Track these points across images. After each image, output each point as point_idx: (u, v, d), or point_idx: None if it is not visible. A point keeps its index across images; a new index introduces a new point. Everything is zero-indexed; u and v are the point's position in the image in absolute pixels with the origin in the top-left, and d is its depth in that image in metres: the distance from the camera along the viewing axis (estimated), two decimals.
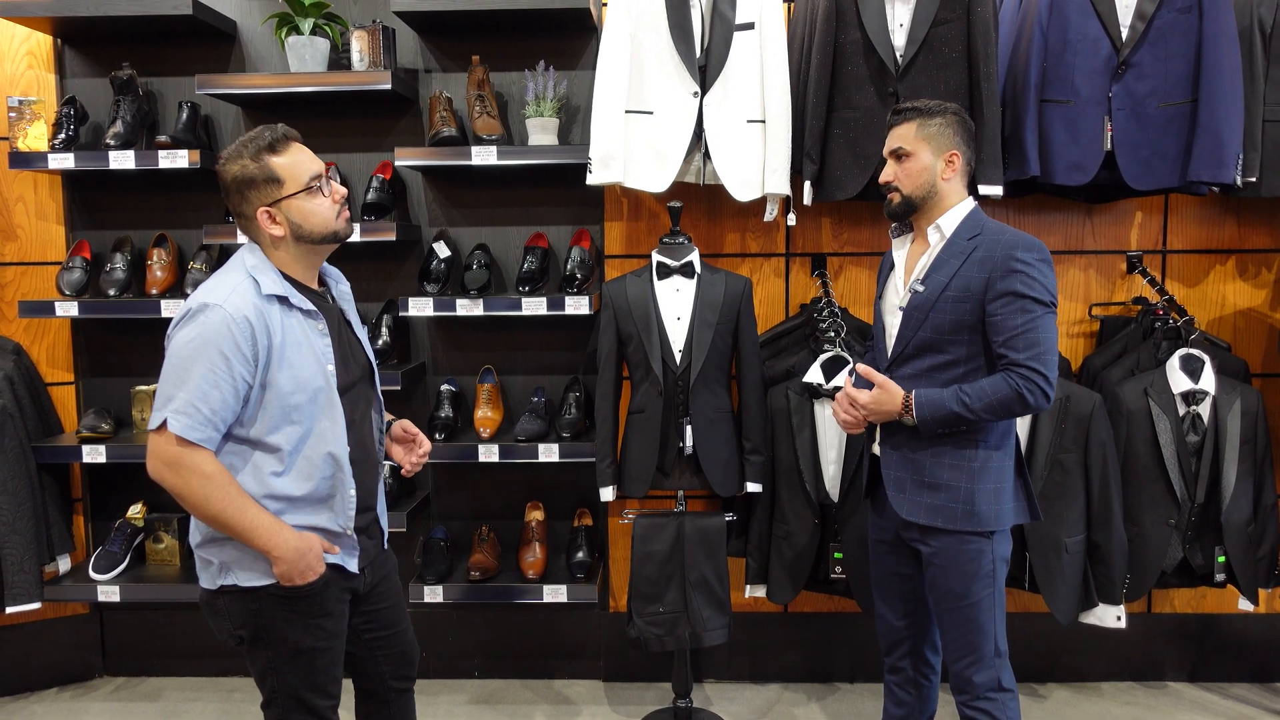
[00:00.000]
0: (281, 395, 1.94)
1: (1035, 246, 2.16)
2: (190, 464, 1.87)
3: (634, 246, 3.35)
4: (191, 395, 1.86)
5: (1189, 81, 2.86)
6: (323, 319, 2.04)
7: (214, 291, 1.92)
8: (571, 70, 3.29)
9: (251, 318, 1.90)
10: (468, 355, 3.43)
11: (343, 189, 2.05)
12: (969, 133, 2.29)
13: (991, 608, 2.26)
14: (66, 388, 3.45)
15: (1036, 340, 2.12)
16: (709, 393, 2.88)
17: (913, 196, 2.27)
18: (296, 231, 1.98)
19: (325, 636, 2.05)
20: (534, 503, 3.43)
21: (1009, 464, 2.27)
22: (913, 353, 2.27)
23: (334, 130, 3.35)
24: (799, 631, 3.45)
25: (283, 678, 2.04)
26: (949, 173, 2.25)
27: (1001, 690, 2.27)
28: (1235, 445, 2.91)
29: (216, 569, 2.01)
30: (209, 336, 1.87)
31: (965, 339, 2.21)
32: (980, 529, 2.22)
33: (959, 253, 2.22)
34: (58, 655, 3.50)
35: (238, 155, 1.96)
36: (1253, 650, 3.41)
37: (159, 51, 3.35)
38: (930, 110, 2.27)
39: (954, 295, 2.20)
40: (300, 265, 2.04)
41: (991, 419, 2.17)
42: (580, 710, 3.30)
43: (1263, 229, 3.28)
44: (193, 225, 3.38)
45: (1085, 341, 3.34)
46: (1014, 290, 2.13)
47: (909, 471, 2.29)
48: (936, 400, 2.19)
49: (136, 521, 3.37)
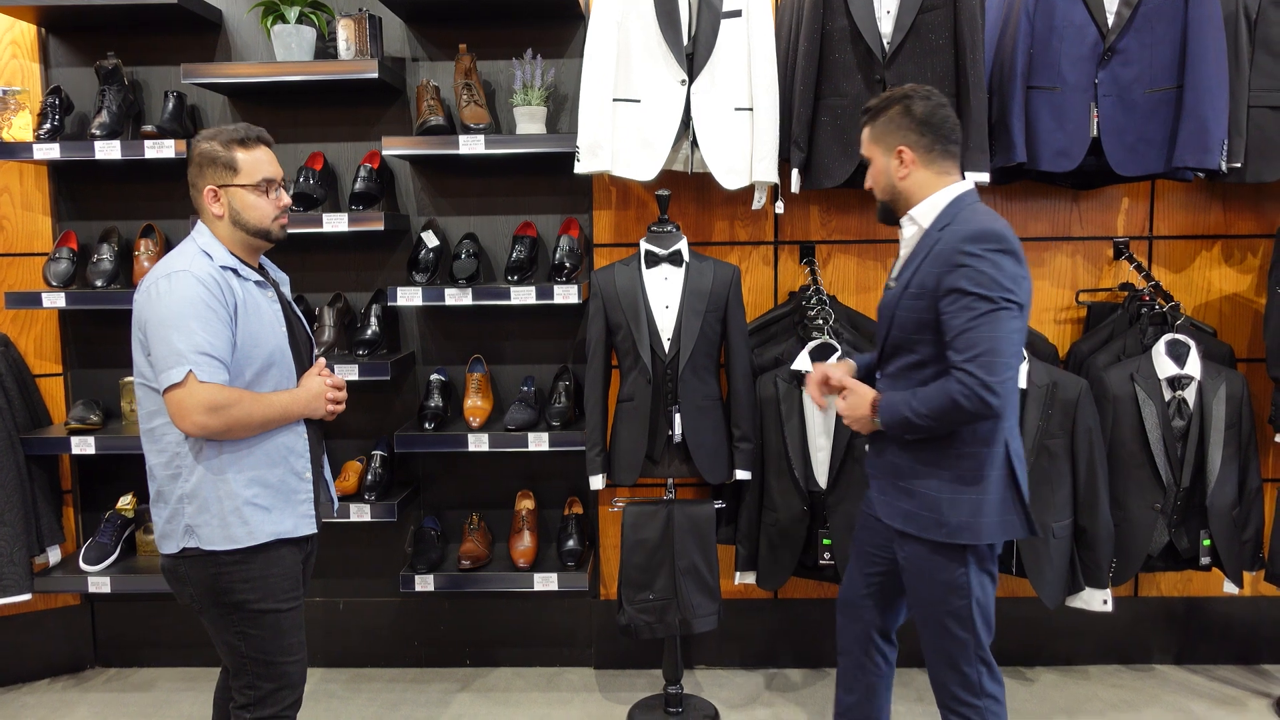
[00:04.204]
0: (246, 351, 2.11)
1: (989, 236, 2.01)
2: (225, 400, 2.03)
3: (623, 235, 3.36)
4: (200, 343, 2.02)
5: (1174, 67, 2.87)
6: (271, 289, 2.25)
7: (175, 261, 2.11)
8: (559, 59, 3.28)
9: (216, 277, 2.09)
10: (457, 345, 3.43)
11: (287, 200, 2.24)
12: (924, 118, 2.13)
13: (969, 618, 2.13)
14: (55, 379, 3.45)
15: (976, 341, 1.97)
16: (698, 381, 2.89)
17: (884, 200, 2.23)
18: (234, 217, 2.17)
19: (286, 597, 2.17)
20: (524, 491, 3.44)
21: (991, 474, 2.10)
22: (890, 352, 2.21)
23: (321, 119, 3.34)
24: (788, 617, 3.47)
25: (251, 641, 2.15)
26: (903, 170, 2.15)
27: (983, 696, 2.17)
28: (1220, 430, 2.93)
29: (181, 532, 2.11)
30: (189, 295, 2.04)
31: (930, 338, 2.09)
32: (950, 540, 2.11)
33: (926, 246, 2.11)
34: (49, 646, 3.50)
35: (212, 137, 2.17)
36: (1237, 632, 3.44)
37: (144, 41, 3.33)
38: (877, 108, 2.19)
39: (914, 292, 2.10)
40: (238, 246, 2.21)
41: (939, 426, 2.05)
42: (571, 698, 3.31)
43: (1248, 215, 3.30)
44: (180, 215, 3.36)
45: (1072, 327, 3.35)
46: (958, 287, 2.00)
47: (890, 475, 2.23)
48: (893, 405, 2.12)
49: (126, 513, 3.37)
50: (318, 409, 2.24)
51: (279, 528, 2.15)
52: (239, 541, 2.10)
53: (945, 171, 2.16)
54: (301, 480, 2.22)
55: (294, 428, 2.21)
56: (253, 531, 2.11)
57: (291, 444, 2.20)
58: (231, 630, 2.15)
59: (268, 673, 2.17)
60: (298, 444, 2.22)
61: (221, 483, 2.09)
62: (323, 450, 2.37)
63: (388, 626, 3.54)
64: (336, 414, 2.30)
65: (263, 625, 2.14)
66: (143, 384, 2.13)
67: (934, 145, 2.14)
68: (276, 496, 2.16)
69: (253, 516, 2.11)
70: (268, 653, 2.16)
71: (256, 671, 2.16)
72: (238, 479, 2.11)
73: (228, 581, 2.11)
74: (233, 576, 2.11)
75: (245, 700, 2.18)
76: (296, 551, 2.22)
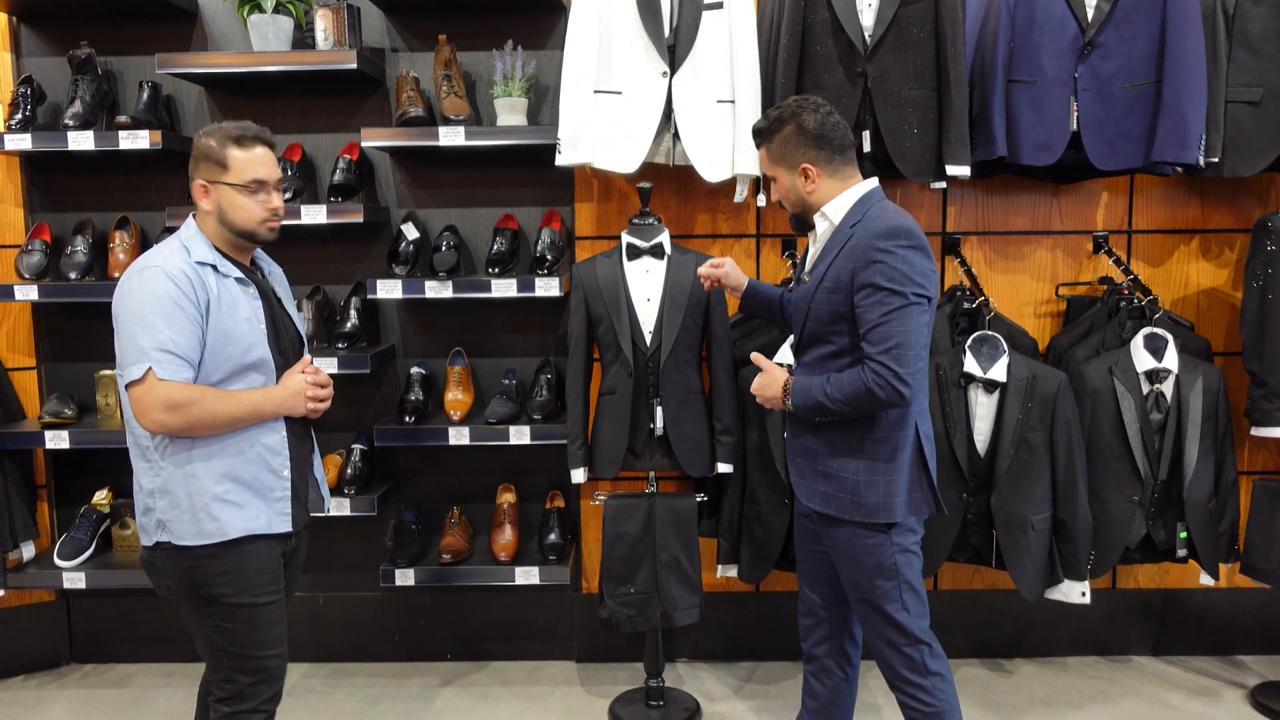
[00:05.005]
0: (218, 349, 2.09)
1: (900, 233, 2.09)
2: (184, 398, 2.01)
3: (605, 228, 3.34)
4: (162, 341, 2.00)
5: (1153, 62, 2.88)
6: (253, 285, 2.20)
7: (151, 257, 2.10)
8: (540, 50, 3.26)
9: (189, 273, 2.06)
10: (438, 338, 3.41)
11: (278, 203, 2.19)
12: (817, 132, 2.19)
13: (898, 598, 2.22)
14: (28, 373, 3.40)
15: (889, 334, 2.07)
16: (679, 374, 2.88)
17: (796, 212, 2.30)
18: (220, 215, 2.15)
19: (262, 592, 2.16)
20: (505, 485, 3.42)
21: (903, 456, 2.20)
22: (807, 342, 2.29)
23: (299, 110, 3.31)
24: (770, 610, 3.47)
25: (227, 635, 2.14)
26: (810, 185, 2.22)
27: (928, 674, 2.24)
28: (1197, 423, 2.95)
29: (154, 525, 2.11)
30: (157, 291, 2.02)
31: (845, 329, 2.18)
32: (870, 520, 2.20)
33: (839, 241, 2.18)
34: (24, 643, 3.46)
35: (212, 133, 2.15)
36: (1213, 624, 3.48)
37: (118, 30, 3.28)
38: (768, 129, 2.26)
39: (828, 286, 2.18)
40: (225, 243, 2.19)
41: (852, 411, 2.14)
42: (553, 691, 3.31)
43: (1225, 209, 3.32)
44: (155, 207, 3.32)
45: (1052, 321, 3.37)
46: (872, 282, 2.09)
47: (807, 458, 2.30)
48: (806, 388, 2.20)
49: (102, 508, 3.33)
50: (296, 407, 2.20)
51: (252, 524, 2.13)
52: (210, 537, 2.08)
53: (847, 176, 2.25)
54: (279, 478, 2.19)
55: (272, 425, 2.18)
56: (224, 527, 2.09)
57: (270, 443, 2.17)
58: (208, 623, 2.14)
59: (245, 666, 2.16)
60: (276, 443, 2.18)
61: (190, 478, 2.08)
62: (310, 448, 2.33)
63: (368, 621, 3.52)
64: (320, 412, 2.27)
65: (238, 619, 2.13)
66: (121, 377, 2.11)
67: (833, 157, 2.23)
68: (249, 493, 2.14)
69: (222, 513, 2.09)
70: (244, 646, 2.15)
71: (234, 665, 2.16)
72: (208, 475, 2.08)
73: (202, 575, 2.10)
74: (207, 570, 2.10)
75: (224, 694, 2.17)
76: (274, 546, 2.19)
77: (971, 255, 3.33)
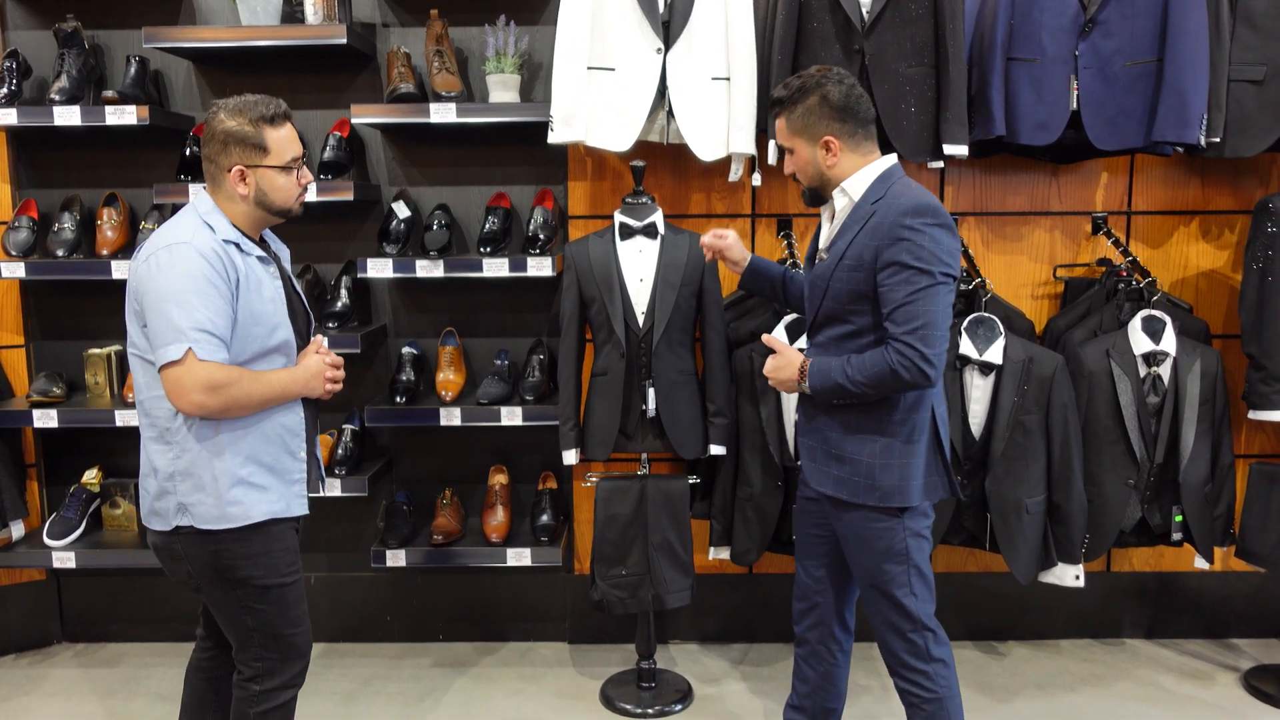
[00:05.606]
0: (246, 329, 2.05)
1: (927, 210, 2.05)
2: (224, 379, 1.98)
3: (598, 207, 3.31)
4: (200, 320, 1.96)
5: (1155, 40, 2.84)
6: (274, 264, 2.18)
7: (176, 233, 2.03)
8: (533, 25, 3.21)
9: (219, 251, 2.02)
10: (429, 317, 3.38)
11: (309, 177, 2.19)
12: (842, 104, 2.14)
13: (907, 583, 2.19)
14: (16, 351, 3.37)
15: (916, 314, 2.02)
16: (672, 355, 2.85)
17: (812, 186, 2.24)
18: (260, 198, 2.10)
19: (288, 571, 2.16)
20: (497, 466, 3.41)
21: (920, 439, 2.17)
22: (822, 322, 2.23)
23: (289, 86, 3.25)
24: (762, 592, 3.46)
25: (257, 615, 2.13)
26: (831, 158, 2.16)
27: (931, 661, 2.22)
28: (1194, 406, 2.93)
29: (174, 509, 2.05)
30: (190, 269, 1.97)
31: (866, 308, 2.13)
32: (884, 504, 2.16)
33: (860, 219, 2.12)
34: (15, 622, 3.45)
35: (239, 112, 2.06)
36: (1208, 607, 3.47)
37: (105, 3, 3.23)
38: (791, 99, 2.18)
39: (850, 264, 2.12)
40: (249, 223, 2.14)
41: (873, 393, 2.09)
42: (545, 673, 3.30)
43: (1226, 190, 3.28)
44: (144, 184, 3.28)
45: (1049, 303, 3.34)
46: (899, 260, 2.03)
47: (819, 441, 2.26)
48: (825, 370, 2.15)
49: (92, 487, 3.31)
50: (315, 388, 2.18)
51: (274, 507, 2.12)
52: (235, 521, 2.06)
53: (868, 151, 2.20)
54: (296, 460, 2.18)
55: (292, 407, 2.16)
56: (248, 511, 2.07)
57: (289, 423, 2.16)
58: (236, 605, 2.12)
59: (276, 645, 2.16)
60: (295, 423, 2.17)
61: (217, 461, 2.05)
62: (317, 429, 2.33)
63: (360, 602, 3.51)
64: (334, 393, 2.25)
65: (269, 600, 2.13)
66: (136, 356, 2.08)
67: (856, 130, 2.17)
68: (271, 476, 2.12)
69: (247, 496, 2.07)
70: (275, 625, 2.15)
71: (264, 644, 2.16)
72: (234, 457, 2.06)
73: (229, 559, 2.08)
74: (234, 554, 2.08)
75: (253, 672, 2.17)
76: (291, 524, 2.20)
77: (969, 236, 3.30)
